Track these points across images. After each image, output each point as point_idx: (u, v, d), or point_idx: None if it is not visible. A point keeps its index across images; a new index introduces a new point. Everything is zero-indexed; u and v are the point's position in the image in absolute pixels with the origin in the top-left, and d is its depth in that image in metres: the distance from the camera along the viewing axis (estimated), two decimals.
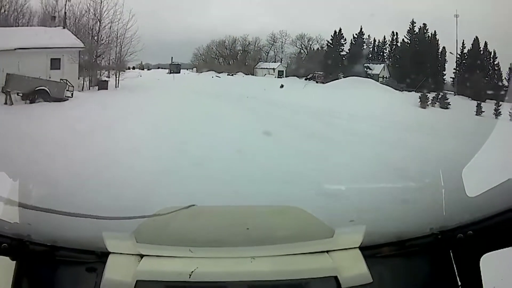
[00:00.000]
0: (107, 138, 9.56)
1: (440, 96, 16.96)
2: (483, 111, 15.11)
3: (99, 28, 16.36)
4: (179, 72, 21.10)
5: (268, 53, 21.52)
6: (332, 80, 19.46)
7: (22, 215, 1.42)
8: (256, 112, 14.36)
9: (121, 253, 1.39)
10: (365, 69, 19.45)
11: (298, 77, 20.26)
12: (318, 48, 20.91)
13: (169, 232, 1.73)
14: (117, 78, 16.48)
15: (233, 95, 16.52)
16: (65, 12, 15.68)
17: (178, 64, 21.32)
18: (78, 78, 14.83)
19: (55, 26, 15.33)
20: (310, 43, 21.02)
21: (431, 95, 17.03)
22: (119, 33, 16.28)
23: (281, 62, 21.36)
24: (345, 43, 19.75)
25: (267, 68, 21.04)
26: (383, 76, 19.33)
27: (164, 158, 8.07)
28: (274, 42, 21.24)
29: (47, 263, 1.32)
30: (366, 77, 19.20)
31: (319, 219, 1.87)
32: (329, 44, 20.23)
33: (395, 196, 5.00)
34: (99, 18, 16.20)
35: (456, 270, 1.32)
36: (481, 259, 1.27)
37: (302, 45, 21.20)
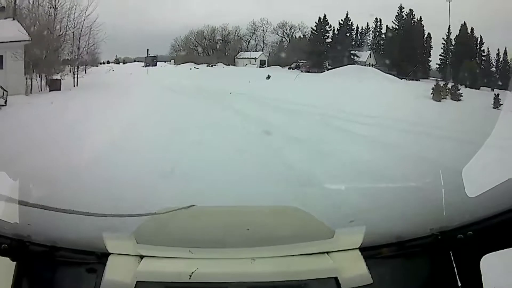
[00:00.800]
0: None
1: (451, 86, 15.68)
2: (501, 104, 13.04)
3: (54, 17, 14.05)
4: (156, 65, 19.89)
5: (248, 42, 20.50)
6: (321, 70, 18.53)
7: (22, 216, 1.42)
8: (246, 117, 11.20)
9: (121, 254, 1.39)
10: (352, 56, 18.71)
11: (280, 66, 19.46)
12: (300, 36, 20.01)
13: (169, 232, 1.73)
14: (76, 76, 14.36)
15: (214, 90, 14.92)
16: (14, 1, 13.46)
17: (154, 56, 20.10)
18: (26, 78, 12.57)
19: (5, 18, 12.91)
20: (292, 31, 20.12)
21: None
22: (76, 22, 14.30)
23: (262, 51, 20.30)
24: (330, 30, 18.93)
25: (248, 58, 19.99)
26: (369, 63, 18.66)
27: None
28: (255, 30, 20.25)
29: (47, 264, 1.32)
30: (351, 65, 18.31)
31: (319, 220, 1.87)
32: (313, 31, 19.35)
33: (395, 196, 5.00)
34: (54, 5, 14.02)
35: (456, 271, 1.32)
36: (482, 259, 1.27)
37: (284, 34, 20.24)
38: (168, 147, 8.14)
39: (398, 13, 18.30)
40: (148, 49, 20.15)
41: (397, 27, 18.58)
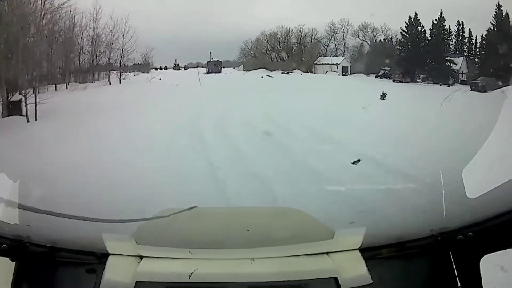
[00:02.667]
0: None
1: None
2: None
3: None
4: (220, 71, 17.35)
5: (327, 46, 17.78)
6: (413, 79, 15.84)
7: (22, 216, 1.42)
8: None
9: (121, 254, 1.39)
10: (448, 63, 16.12)
11: (365, 74, 17.07)
12: (382, 40, 17.56)
13: (169, 233, 1.73)
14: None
15: (306, 133, 9.08)
16: None
17: (218, 61, 17.53)
18: None
19: None
20: (374, 34, 17.55)
21: None
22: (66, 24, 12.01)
23: (343, 55, 17.64)
24: (423, 31, 16.03)
25: (329, 64, 17.35)
26: (462, 72, 16.35)
27: None
28: (334, 33, 17.54)
29: (46, 264, 1.32)
30: (450, 74, 15.77)
31: (319, 221, 1.87)
32: (404, 32, 16.51)
33: (395, 197, 4.99)
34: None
35: (456, 272, 1.32)
36: (481, 260, 1.27)
37: (366, 37, 17.62)
38: None
39: (496, 12, 15.30)
40: (210, 53, 17.38)
41: (495, 29, 15.63)
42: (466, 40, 16.51)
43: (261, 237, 1.62)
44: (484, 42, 16.46)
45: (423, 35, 16.35)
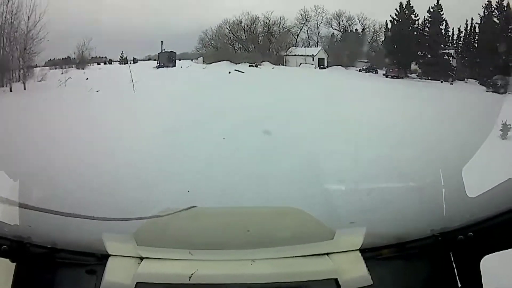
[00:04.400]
0: None
1: None
2: None
3: None
4: (174, 65, 14.32)
5: (298, 35, 15.55)
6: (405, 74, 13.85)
7: (22, 217, 1.42)
8: None
9: (121, 255, 1.39)
10: (446, 57, 14.37)
11: (343, 66, 15.18)
12: (360, 30, 15.45)
13: (169, 234, 1.73)
14: None
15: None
16: None
17: (171, 52, 14.47)
18: None
19: None
20: (349, 23, 15.53)
21: None
22: None
23: (317, 46, 15.51)
24: (417, 19, 14.05)
25: (303, 55, 15.05)
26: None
27: None
28: (306, 21, 15.28)
29: (47, 265, 1.32)
30: (449, 70, 13.99)
31: (319, 221, 1.87)
32: (394, 20, 14.42)
33: (395, 197, 4.99)
34: None
35: (456, 272, 1.32)
36: (482, 260, 1.27)
37: (340, 26, 15.51)
38: None
39: (498, 3, 13.66)
40: (162, 42, 14.00)
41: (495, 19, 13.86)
42: (451, 30, 14.67)
43: (261, 238, 1.62)
44: (477, 34, 14.71)
45: (416, 24, 14.34)
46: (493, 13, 14.10)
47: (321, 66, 15.08)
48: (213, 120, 9.22)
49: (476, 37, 14.72)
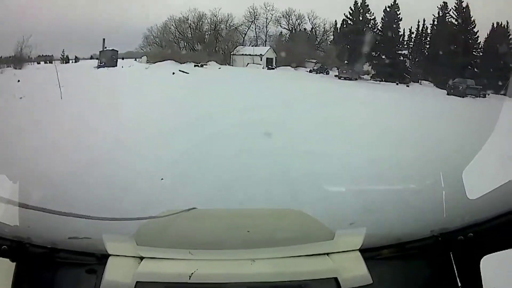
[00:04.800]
0: None
1: None
2: None
3: None
4: (115, 64, 13.07)
5: (245, 34, 14.84)
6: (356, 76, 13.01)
7: (22, 217, 1.42)
8: None
9: (121, 255, 1.39)
10: (402, 58, 13.92)
11: (292, 67, 14.44)
12: (309, 29, 14.90)
13: (169, 234, 1.73)
14: None
15: None
16: None
17: (113, 51, 13.23)
18: None
19: None
20: (299, 21, 14.90)
21: None
22: None
23: (265, 45, 14.84)
24: (372, 18, 13.63)
25: (250, 55, 14.51)
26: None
27: None
28: (254, 19, 14.69)
29: (47, 265, 1.32)
30: (405, 71, 13.40)
31: (319, 221, 1.87)
32: (347, 19, 13.93)
33: (395, 198, 4.99)
34: None
35: (456, 272, 1.32)
36: (482, 261, 1.27)
37: (289, 24, 14.92)
38: None
39: (457, 4, 13.31)
40: (104, 40, 12.78)
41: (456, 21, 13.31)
42: (408, 31, 14.00)
43: (261, 238, 1.62)
44: (434, 35, 14.09)
45: (371, 24, 13.60)
46: (450, 14, 13.85)
47: (269, 67, 14.48)
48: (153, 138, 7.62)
49: (434, 39, 14.26)
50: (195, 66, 14.01)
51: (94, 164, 6.44)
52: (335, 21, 14.47)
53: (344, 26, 14.16)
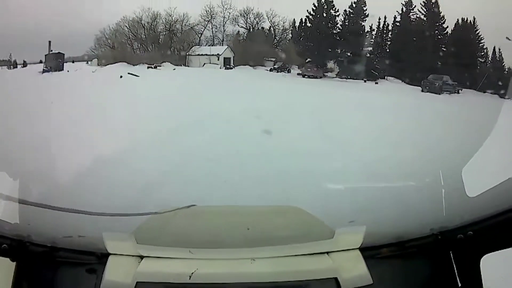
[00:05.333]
0: None
1: None
2: None
3: None
4: (61, 68, 12.49)
5: (201, 33, 14.35)
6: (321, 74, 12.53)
7: (22, 216, 1.42)
8: None
9: (121, 254, 1.39)
10: (368, 55, 13.72)
11: (251, 66, 14.01)
12: (267, 28, 14.38)
13: (169, 232, 1.73)
14: None
15: None
16: None
17: (58, 54, 12.51)
18: None
19: None
20: (257, 20, 14.53)
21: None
22: None
23: (222, 44, 14.34)
24: (337, 14, 13.37)
25: (207, 55, 14.01)
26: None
27: None
28: (211, 18, 14.22)
29: (47, 264, 1.32)
30: (372, 68, 13.07)
31: (319, 220, 1.87)
32: (311, 15, 13.56)
33: (395, 196, 4.99)
34: None
35: (456, 271, 1.32)
36: (482, 259, 1.27)
37: (247, 24, 14.44)
38: None
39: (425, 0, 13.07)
40: (50, 42, 11.97)
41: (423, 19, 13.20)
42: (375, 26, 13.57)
43: (261, 236, 1.62)
44: (398, 31, 13.85)
45: (336, 20, 13.16)
46: (417, 11, 13.55)
47: (227, 66, 13.91)
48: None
49: (401, 34, 13.97)
50: (148, 67, 13.44)
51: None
52: (293, 19, 14.26)
53: (307, 23, 13.88)
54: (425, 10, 13.80)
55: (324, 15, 13.53)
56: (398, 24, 14.09)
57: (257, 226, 1.74)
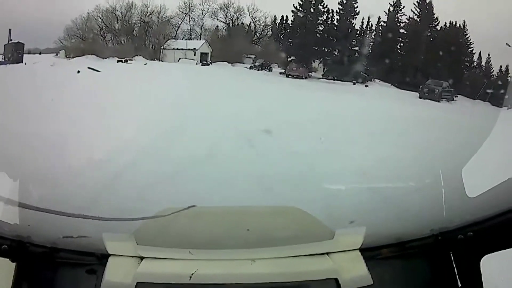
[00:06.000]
0: None
1: None
2: None
3: None
4: (21, 60, 11.30)
5: (178, 27, 13.46)
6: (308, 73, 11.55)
7: (22, 217, 1.42)
8: None
9: (121, 255, 1.39)
10: (357, 55, 12.79)
11: (229, 62, 13.17)
12: (243, 24, 13.55)
13: (169, 233, 1.73)
14: None
15: None
16: None
17: (18, 44, 11.30)
18: None
19: None
20: (237, 14, 13.69)
21: None
22: None
23: (199, 39, 13.36)
24: (325, 10, 12.47)
25: (183, 49, 13.12)
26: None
27: None
28: (189, 10, 13.42)
29: (47, 265, 1.32)
30: (361, 69, 12.06)
31: (319, 221, 1.87)
32: (297, 11, 12.48)
33: (395, 197, 4.99)
34: None
35: (456, 272, 1.32)
36: (482, 260, 1.27)
37: (227, 18, 13.59)
38: None
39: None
40: (10, 30, 10.93)
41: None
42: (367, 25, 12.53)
43: (261, 237, 1.62)
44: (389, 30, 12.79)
45: (324, 17, 12.04)
46: (411, 11, 12.62)
47: (204, 62, 12.94)
48: None
49: (391, 34, 13.02)
50: (118, 61, 12.37)
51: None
52: (274, 16, 13.41)
53: (294, 18, 12.83)
54: (418, 10, 13.22)
55: (312, 10, 12.61)
56: (385, 23, 13.34)
57: (257, 227, 1.74)
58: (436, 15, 13.17)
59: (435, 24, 13.22)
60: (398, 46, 13.16)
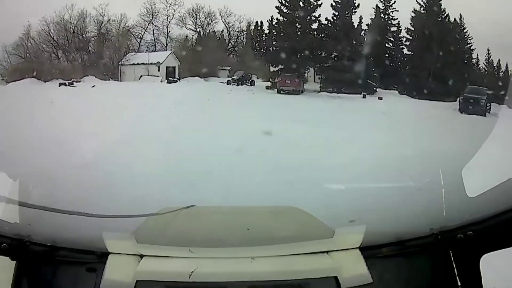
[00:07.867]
0: None
1: None
2: None
3: None
4: None
5: (141, 38, 11.32)
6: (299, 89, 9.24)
7: (22, 215, 1.42)
8: None
9: (121, 253, 1.39)
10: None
11: (200, 77, 11.07)
12: (215, 31, 11.42)
13: (169, 232, 1.73)
14: None
15: None
16: None
17: None
18: None
19: None
20: (208, 20, 11.63)
21: None
22: None
23: (165, 49, 11.11)
24: (318, 3, 10.41)
25: (144, 64, 10.92)
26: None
27: None
28: (152, 17, 11.44)
29: (47, 263, 1.33)
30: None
31: (319, 219, 1.87)
32: (282, 6, 10.13)
33: (395, 196, 4.99)
34: None
35: (456, 271, 1.32)
36: (481, 259, 1.27)
37: (197, 25, 11.51)
38: None
39: None
40: None
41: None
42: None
43: (261, 236, 1.63)
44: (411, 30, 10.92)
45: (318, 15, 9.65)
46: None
47: (170, 79, 10.76)
48: None
49: (414, 34, 10.97)
50: (60, 85, 9.93)
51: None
52: (248, 22, 11.33)
53: (280, 17, 10.61)
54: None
55: (301, 4, 10.37)
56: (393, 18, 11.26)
57: (257, 226, 1.74)
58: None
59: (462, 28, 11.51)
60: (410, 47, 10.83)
